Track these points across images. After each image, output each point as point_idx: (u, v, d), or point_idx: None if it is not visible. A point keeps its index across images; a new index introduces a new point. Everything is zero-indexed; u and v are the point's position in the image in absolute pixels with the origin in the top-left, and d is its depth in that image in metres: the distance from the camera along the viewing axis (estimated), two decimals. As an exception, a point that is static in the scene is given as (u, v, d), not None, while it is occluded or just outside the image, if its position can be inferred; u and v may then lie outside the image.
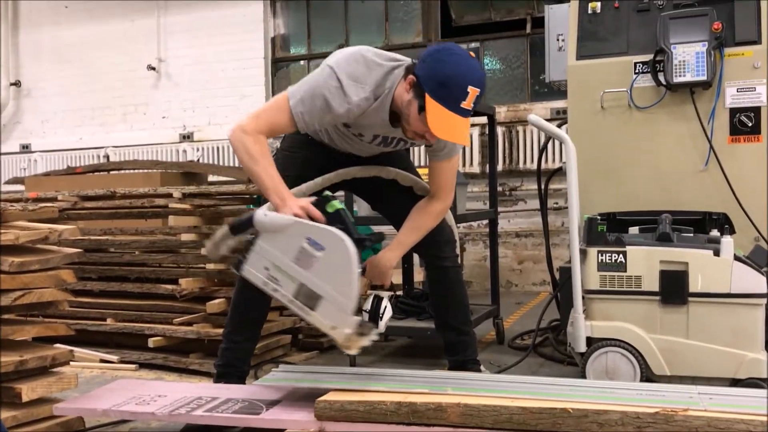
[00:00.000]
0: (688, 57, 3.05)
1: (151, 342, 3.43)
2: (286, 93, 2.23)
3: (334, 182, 2.50)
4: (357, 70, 2.18)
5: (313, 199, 2.20)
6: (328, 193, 2.22)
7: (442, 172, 2.40)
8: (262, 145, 2.19)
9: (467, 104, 2.06)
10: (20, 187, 5.64)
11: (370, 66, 2.19)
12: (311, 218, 2.11)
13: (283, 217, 2.13)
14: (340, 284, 2.03)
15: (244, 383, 2.57)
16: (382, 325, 2.33)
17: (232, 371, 2.59)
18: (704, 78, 3.04)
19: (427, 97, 2.07)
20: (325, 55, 2.28)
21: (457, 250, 2.71)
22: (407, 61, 2.23)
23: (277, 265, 2.12)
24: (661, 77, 3.13)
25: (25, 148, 8.28)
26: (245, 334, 2.60)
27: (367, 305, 2.43)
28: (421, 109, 2.10)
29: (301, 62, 7.43)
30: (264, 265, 2.14)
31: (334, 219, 2.10)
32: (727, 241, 2.52)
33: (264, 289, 2.15)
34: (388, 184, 2.57)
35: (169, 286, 3.55)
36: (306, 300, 2.08)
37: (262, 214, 2.16)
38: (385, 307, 2.40)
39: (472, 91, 2.06)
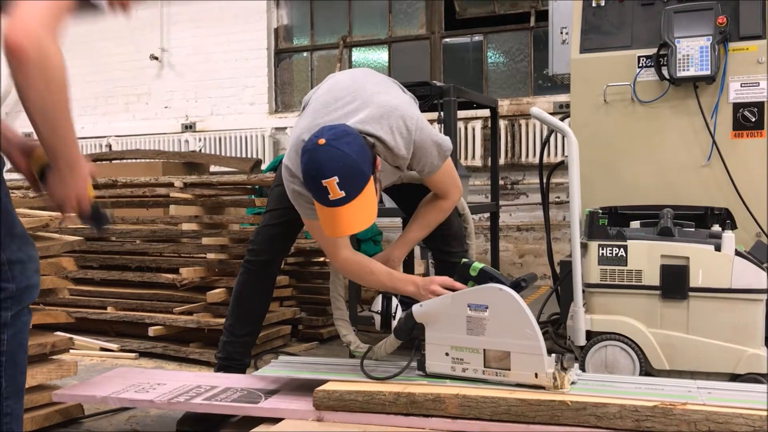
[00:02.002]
0: (692, 51, 3.04)
1: (152, 331, 3.44)
2: None
3: None
4: None
5: (441, 279, 2.23)
6: (465, 260, 2.25)
7: (437, 183, 2.37)
8: None
9: (334, 196, 1.96)
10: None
11: None
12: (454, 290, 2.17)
13: (438, 300, 2.15)
14: (520, 329, 2.02)
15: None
16: (395, 324, 2.33)
17: (233, 364, 2.59)
18: (708, 72, 3.02)
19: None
20: (328, 47, 2.28)
21: (471, 241, 2.70)
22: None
23: (454, 345, 2.12)
24: (664, 71, 3.12)
25: (28, 137, 8.27)
26: (247, 328, 2.60)
27: (377, 306, 2.43)
28: None
29: (304, 54, 7.41)
30: (444, 352, 2.14)
31: (483, 278, 2.13)
32: (729, 237, 2.52)
33: (453, 375, 2.13)
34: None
35: (170, 276, 3.55)
36: (498, 363, 2.07)
37: (418, 307, 2.18)
38: (397, 305, 2.40)
39: (328, 183, 1.95)
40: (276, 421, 2.08)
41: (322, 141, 1.96)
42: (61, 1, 1.44)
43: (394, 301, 2.42)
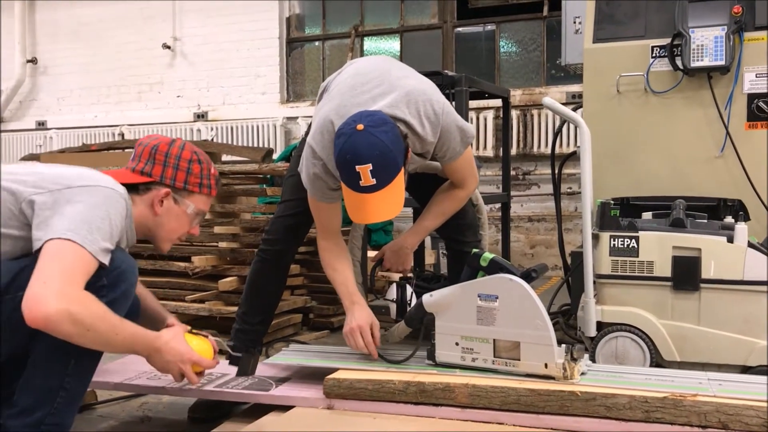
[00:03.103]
0: (707, 41, 3.01)
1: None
2: None
3: None
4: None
5: (365, 328, 2.22)
6: (476, 250, 2.24)
7: (456, 170, 2.36)
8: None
9: (366, 182, 1.97)
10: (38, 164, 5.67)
11: None
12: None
13: (448, 290, 2.16)
14: (530, 320, 2.02)
15: (256, 363, 2.60)
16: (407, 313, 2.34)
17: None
18: (722, 63, 3.00)
19: (341, 181, 2.06)
20: (340, 36, 2.28)
21: (484, 231, 2.70)
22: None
23: (464, 335, 2.13)
24: (678, 61, 3.09)
25: (41, 125, 8.33)
26: (259, 316, 2.61)
27: (392, 294, 2.44)
28: None
29: (316, 43, 7.40)
30: (453, 342, 2.15)
31: (493, 268, 2.13)
32: (741, 228, 2.50)
33: (463, 365, 2.13)
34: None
35: (182, 264, 3.57)
36: (507, 353, 2.07)
37: (428, 297, 2.19)
38: (411, 293, 2.41)
39: (361, 169, 1.96)
40: (286, 408, 2.09)
41: (360, 126, 1.97)
42: (74, 266, 1.58)
43: (409, 289, 2.43)
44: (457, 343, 2.14)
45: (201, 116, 7.57)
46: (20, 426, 1.66)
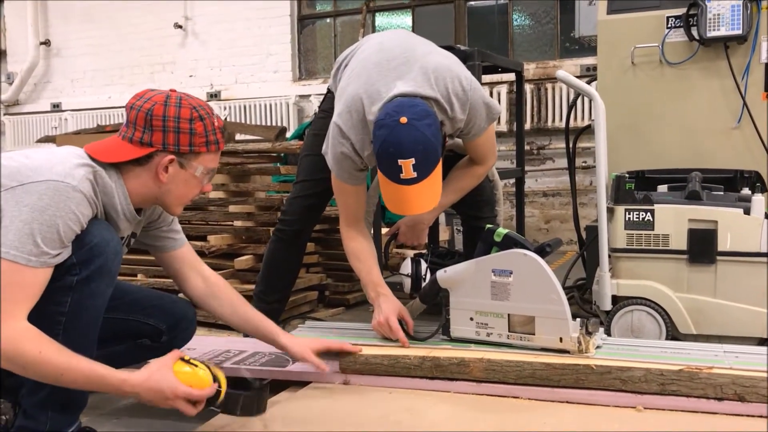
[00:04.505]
0: (723, 10, 2.96)
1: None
2: None
3: None
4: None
5: (393, 318, 2.21)
6: (490, 225, 2.22)
7: (478, 147, 2.33)
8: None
9: (406, 175, 1.96)
10: (51, 146, 5.72)
11: None
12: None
13: (462, 265, 2.16)
14: (545, 294, 2.02)
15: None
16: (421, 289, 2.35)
17: None
18: (739, 32, 2.95)
19: (378, 171, 2.05)
20: (351, 12, 2.26)
21: (499, 207, 2.69)
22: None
23: (479, 311, 2.13)
24: (694, 32, 3.05)
25: (56, 107, 8.37)
26: (276, 294, 2.63)
27: (407, 269, 2.44)
28: None
29: (327, 19, 7.36)
30: (468, 317, 2.15)
31: (507, 244, 2.12)
32: (758, 200, 2.48)
33: (478, 339, 2.14)
34: None
35: (198, 243, 3.59)
36: (522, 328, 2.07)
37: (442, 273, 2.19)
38: (426, 268, 2.41)
39: (404, 163, 1.95)
40: (303, 384, 2.12)
41: (404, 120, 1.94)
42: (14, 294, 1.49)
43: (423, 264, 2.43)
44: (471, 318, 2.15)
45: (214, 95, 7.57)
46: (30, 405, 1.68)
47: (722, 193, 2.66)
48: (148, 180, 1.74)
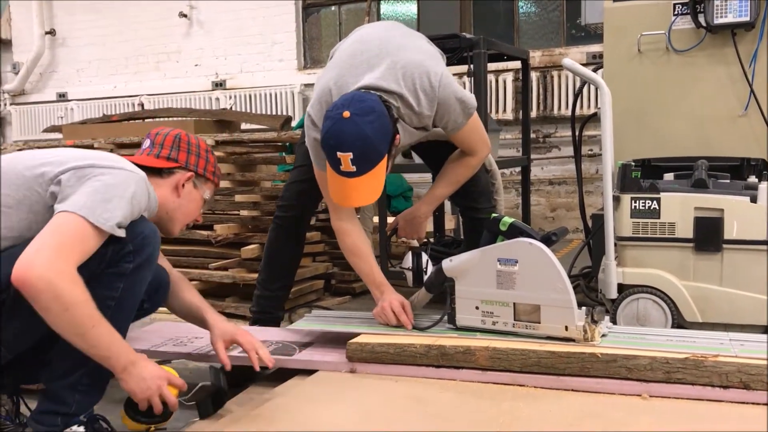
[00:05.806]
0: (731, -3, 2.94)
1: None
2: None
3: None
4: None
5: (398, 305, 2.24)
6: (495, 214, 2.23)
7: (462, 140, 2.35)
8: None
9: (345, 168, 1.99)
10: (58, 135, 5.73)
11: None
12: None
13: (467, 254, 2.17)
14: (550, 283, 2.03)
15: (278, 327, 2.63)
16: (426, 278, 2.35)
17: (266, 317, 2.65)
18: (747, 19, 2.92)
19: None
20: (356, 1, 2.27)
21: (499, 196, 2.69)
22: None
23: (484, 299, 2.14)
24: (701, 18, 3.03)
25: (62, 97, 8.38)
26: (279, 281, 2.65)
27: (408, 263, 2.45)
28: None
29: (332, 7, 7.33)
30: (474, 306, 2.16)
31: (513, 233, 2.13)
32: (765, 188, 2.47)
33: (483, 328, 2.15)
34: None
35: (205, 232, 3.61)
36: (528, 316, 2.08)
37: (447, 262, 2.20)
38: (427, 261, 2.42)
39: (342, 156, 1.98)
40: (310, 372, 2.13)
41: (347, 114, 1.97)
42: (73, 242, 1.58)
43: (424, 257, 2.44)
44: (477, 307, 2.15)
45: (219, 85, 7.57)
46: (59, 387, 1.74)
47: (729, 181, 2.65)
48: (167, 192, 1.95)
